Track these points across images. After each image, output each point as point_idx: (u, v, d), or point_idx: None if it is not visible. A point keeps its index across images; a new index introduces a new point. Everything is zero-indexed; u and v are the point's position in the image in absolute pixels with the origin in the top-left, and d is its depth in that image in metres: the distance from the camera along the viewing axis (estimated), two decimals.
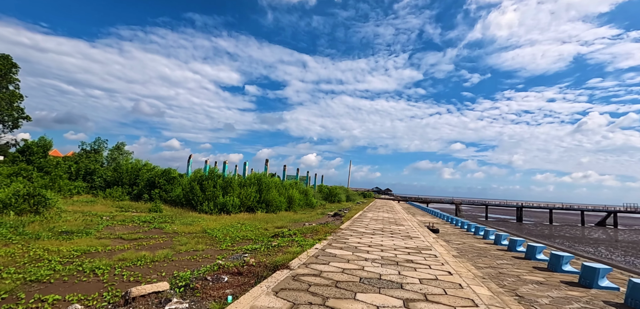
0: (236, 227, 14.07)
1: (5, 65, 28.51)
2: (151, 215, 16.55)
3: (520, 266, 8.66)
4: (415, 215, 27.46)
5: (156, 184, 21.49)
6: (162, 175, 21.73)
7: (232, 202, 18.35)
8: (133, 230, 12.37)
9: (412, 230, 13.21)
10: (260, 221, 16.64)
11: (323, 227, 11.67)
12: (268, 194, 20.57)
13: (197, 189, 19.17)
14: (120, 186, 23.97)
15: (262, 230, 13.64)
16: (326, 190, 40.75)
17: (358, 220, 16.44)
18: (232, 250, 9.11)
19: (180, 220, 15.12)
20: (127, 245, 9.55)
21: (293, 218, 18.63)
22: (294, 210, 23.40)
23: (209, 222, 14.98)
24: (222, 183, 19.52)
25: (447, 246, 9.75)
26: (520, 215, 64.65)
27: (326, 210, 28.21)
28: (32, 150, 26.04)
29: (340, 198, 40.94)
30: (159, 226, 13.36)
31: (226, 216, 17.79)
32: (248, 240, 11.11)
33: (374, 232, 11.19)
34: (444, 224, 21.72)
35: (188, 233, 12.26)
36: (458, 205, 68.56)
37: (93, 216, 14.69)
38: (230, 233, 12.35)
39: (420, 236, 11.44)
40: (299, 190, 27.59)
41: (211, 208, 18.21)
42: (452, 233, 16.34)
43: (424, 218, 25.19)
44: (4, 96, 28.85)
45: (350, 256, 6.73)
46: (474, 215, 70.45)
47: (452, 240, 13.71)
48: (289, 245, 8.52)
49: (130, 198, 22.75)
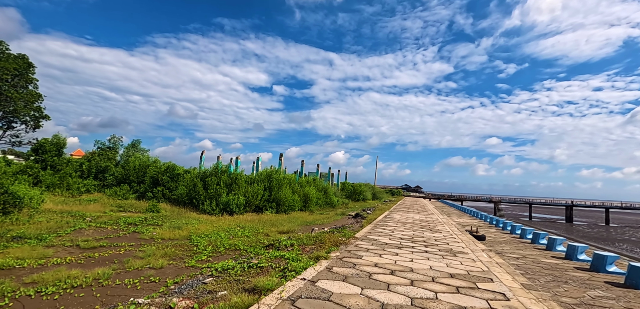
0: (231, 232, 11.67)
1: (22, 65, 28.31)
2: (144, 215, 14.63)
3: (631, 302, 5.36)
4: (451, 216, 23.81)
5: (159, 181, 19.74)
6: (166, 172, 19.95)
7: (236, 201, 16.03)
8: (105, 234, 10.36)
9: (452, 238, 10.04)
10: (265, 224, 14.15)
11: (332, 235, 8.86)
12: (279, 192, 18.07)
13: (199, 187, 17.09)
14: (127, 184, 22.64)
15: (260, 236, 11.12)
16: (350, 187, 37.73)
17: (382, 223, 13.44)
18: (198, 269, 6.60)
19: (172, 223, 12.98)
20: (73, 257, 7.41)
21: (305, 220, 15.99)
22: (310, 209, 20.76)
23: (203, 225, 12.70)
24: (226, 180, 17.28)
25: (507, 267, 6.58)
26: (570, 214, 57.64)
27: (348, 209, 25.30)
28: (45, 148, 25.45)
29: (365, 196, 37.77)
30: (141, 230, 11.27)
31: (228, 217, 15.51)
32: (233, 252, 8.60)
33: (400, 243, 8.19)
34: (488, 227, 18.08)
35: (168, 240, 10.02)
36: (497, 203, 62.60)
37: (73, 218, 12.95)
38: (219, 240, 9.93)
39: (466, 248, 8.29)
40: (317, 188, 24.91)
41: (213, 208, 16.02)
42: (502, 240, 12.89)
43: (462, 219, 21.56)
44: (21, 96, 28.70)
45: (355, 301, 3.86)
46: (516, 215, 64.08)
47: (505, 251, 10.39)
48: (274, 264, 5.85)
49: (136, 196, 21.29)
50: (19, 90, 29.40)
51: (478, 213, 25.65)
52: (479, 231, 13.24)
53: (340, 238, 8.38)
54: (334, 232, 11.36)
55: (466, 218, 23.09)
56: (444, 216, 21.45)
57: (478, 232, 13.02)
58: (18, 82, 29.13)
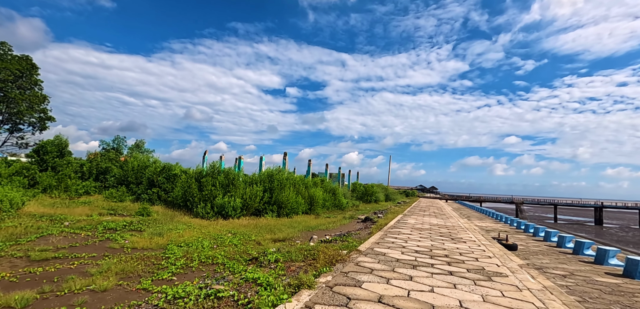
0: (219, 240, 10.19)
1: (25, 66, 27.92)
2: (131, 219, 13.35)
3: None
4: (471, 219, 21.66)
5: (155, 183, 18.55)
6: (162, 173, 18.75)
7: (232, 204, 14.56)
8: (72, 242, 9.06)
9: (480, 251, 8.18)
10: (261, 229, 12.61)
11: (330, 247, 7.18)
12: (281, 194, 16.51)
13: (194, 188, 15.74)
14: (125, 185, 21.62)
15: (250, 245, 9.58)
16: (361, 188, 35.85)
17: (394, 230, 11.65)
18: (147, 295, 5.08)
19: (156, 228, 11.61)
20: (10, 272, 6.05)
21: (308, 225, 14.36)
22: (315, 212, 19.12)
23: (190, 231, 11.26)
24: (223, 181, 15.86)
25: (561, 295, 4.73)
26: (599, 216, 53.71)
27: (358, 212, 23.52)
28: (46, 149, 24.82)
29: (377, 197, 35.80)
30: (116, 237, 9.91)
31: (223, 221, 14.07)
32: (207, 267, 7.08)
33: (416, 260, 6.42)
34: (515, 232, 15.96)
35: (140, 249, 8.61)
36: (519, 204, 59.16)
37: (51, 222, 11.76)
38: (198, 251, 8.44)
39: (501, 266, 6.44)
40: (325, 189, 23.24)
41: (207, 212, 14.61)
42: (537, 251, 10.87)
43: (484, 223, 19.44)
44: (25, 97, 28.32)
45: None
46: (539, 217, 60.44)
47: (545, 266, 8.46)
48: (239, 293, 4.26)
49: (134, 198, 20.21)
50: (24, 91, 29.11)
51: (501, 216, 23.36)
52: (508, 238, 11.25)
53: (339, 252, 6.70)
54: (336, 241, 9.69)
55: (488, 222, 20.92)
56: (464, 219, 19.37)
57: (508, 240, 11.04)
58: (22, 84, 28.82)
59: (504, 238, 11.62)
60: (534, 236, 14.73)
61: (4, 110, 28.79)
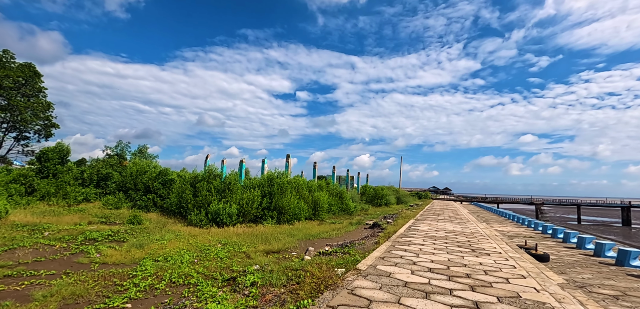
0: (204, 252, 9.06)
1: (27, 73, 27.73)
2: (118, 228, 12.40)
3: None
4: (491, 223, 19.96)
5: (151, 189, 17.66)
6: (157, 178, 17.85)
7: (227, 211, 13.45)
8: (41, 255, 8.14)
9: (508, 267, 6.76)
10: (256, 238, 11.43)
11: (324, 264, 5.93)
12: (281, 199, 15.32)
13: (187, 194, 14.72)
14: (123, 191, 20.87)
15: (236, 259, 8.41)
16: (371, 191, 34.34)
17: (404, 239, 10.27)
18: None
19: (139, 239, 10.58)
20: None
21: (309, 233, 13.10)
22: (320, 217, 17.85)
23: (174, 242, 10.17)
24: (219, 186, 14.78)
25: None
26: (627, 216, 50.43)
27: (367, 216, 22.11)
28: (47, 156, 24.40)
29: (388, 200, 34.21)
30: (91, 250, 8.89)
31: (216, 229, 12.97)
32: (175, 288, 5.93)
33: (429, 283, 5.03)
34: (542, 238, 14.29)
35: (111, 264, 7.58)
36: (539, 205, 56.26)
37: (29, 232, 10.88)
38: (174, 267, 7.31)
39: (541, 291, 5.01)
40: (330, 193, 21.94)
41: (201, 219, 13.54)
42: (573, 261, 9.30)
43: (505, 227, 17.75)
44: (28, 105, 28.12)
45: None
46: (561, 218, 57.38)
47: (587, 282, 6.97)
48: None
49: (131, 205, 19.41)
50: (28, 99, 28.97)
51: (523, 219, 21.53)
52: (537, 247, 9.70)
53: (333, 271, 5.42)
54: (336, 253, 8.41)
55: (510, 226, 19.18)
56: (482, 224, 17.74)
57: (537, 250, 9.51)
58: (26, 91, 28.69)
59: (533, 247, 10.09)
60: (564, 243, 13.06)
61: (9, 118, 28.70)
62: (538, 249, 9.61)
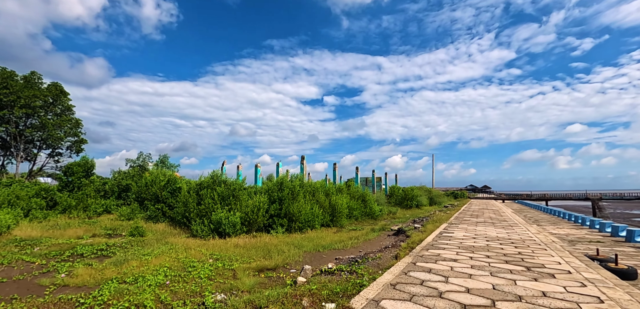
0: (188, 269, 7.65)
1: (54, 92, 28.72)
2: (114, 241, 11.46)
3: None
4: (542, 224, 16.94)
5: (159, 198, 16.86)
6: (166, 187, 17.03)
7: (231, 220, 12.08)
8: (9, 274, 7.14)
9: (590, 301, 4.53)
10: (256, 251, 9.88)
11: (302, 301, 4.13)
12: (292, 205, 13.71)
13: (191, 202, 13.59)
14: (138, 202, 20.44)
15: (215, 283, 6.89)
16: (400, 192, 31.75)
17: (431, 251, 8.18)
18: None
19: (129, 253, 9.44)
20: None
21: (321, 243, 11.34)
22: (339, 224, 16.00)
23: (161, 257, 8.87)
24: (223, 192, 13.49)
25: None
26: None
27: (395, 220, 19.90)
28: (72, 170, 24.85)
29: (419, 201, 31.43)
30: (61, 269, 7.83)
31: (218, 240, 11.61)
32: None
33: None
34: (614, 243, 11.40)
35: (73, 286, 6.51)
36: (595, 201, 49.92)
37: (18, 248, 10.17)
38: (135, 293, 5.93)
39: None
40: (352, 196, 20.00)
41: (202, 229, 12.29)
42: None
43: (562, 230, 14.77)
44: (56, 122, 29.10)
45: None
46: (623, 214, 50.50)
47: None
48: None
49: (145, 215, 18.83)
50: (58, 117, 30.06)
51: (582, 218, 18.14)
52: (618, 260, 7.17)
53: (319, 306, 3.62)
54: (341, 272, 6.60)
55: (566, 227, 16.08)
56: (533, 226, 14.91)
57: (618, 264, 7.02)
58: (55, 110, 29.78)
59: (609, 258, 7.57)
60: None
61: (41, 136, 29.92)
62: (619, 263, 7.10)
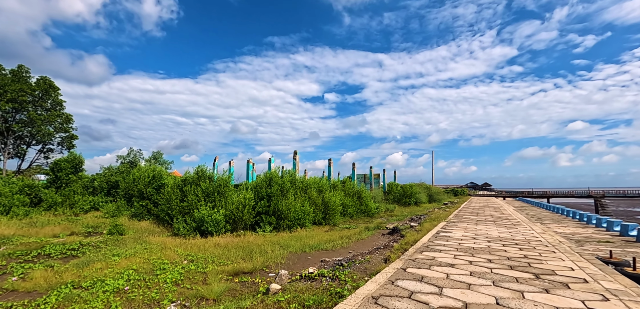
0: (155, 271, 6.90)
1: (43, 86, 27.92)
2: (89, 240, 10.70)
3: None
4: (546, 223, 16.15)
5: (144, 194, 16.11)
6: (151, 183, 16.27)
7: (215, 217, 11.31)
8: None
9: None
10: (236, 252, 9.11)
11: None
12: (281, 202, 12.94)
13: (173, 199, 12.82)
14: (125, 199, 19.71)
15: (180, 290, 6.12)
16: (398, 190, 30.97)
17: (426, 252, 7.41)
18: None
19: (99, 253, 8.69)
20: None
21: (308, 243, 10.57)
22: (332, 222, 15.23)
23: (133, 259, 8.11)
24: (207, 188, 12.72)
25: None
26: None
27: (392, 218, 19.12)
28: (60, 166, 24.10)
29: (418, 199, 30.64)
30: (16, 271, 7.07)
31: (200, 240, 10.85)
32: None
33: None
34: (625, 243, 10.61)
35: (20, 292, 5.88)
36: (598, 198, 49.08)
37: None
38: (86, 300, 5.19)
39: None
40: (347, 192, 19.22)
41: (184, 227, 11.53)
42: None
43: (566, 229, 13.99)
44: (46, 117, 28.32)
45: None
46: (626, 212, 49.68)
47: None
48: None
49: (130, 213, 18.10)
50: (46, 112, 29.29)
51: (588, 216, 17.33)
52: (636, 264, 6.37)
53: None
54: (323, 277, 5.84)
55: (572, 225, 15.28)
56: (536, 225, 14.13)
57: (636, 269, 6.23)
58: (43, 104, 29.01)
59: (624, 262, 6.78)
60: None
61: (31, 131, 29.15)
62: (637, 267, 6.31)
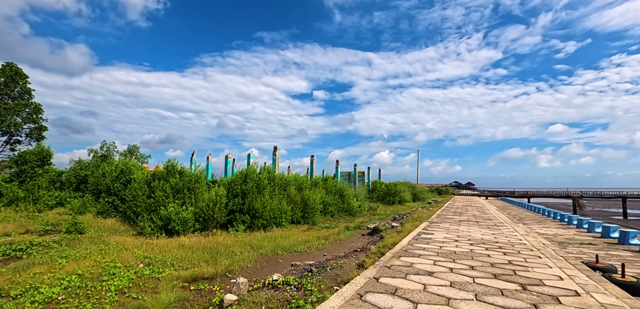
0: (100, 278, 6.06)
1: (8, 74, 26.12)
2: (42, 239, 9.71)
3: None
4: (528, 223, 16.00)
5: (111, 190, 15.05)
6: (119, 178, 15.23)
7: (183, 215, 10.48)
8: None
9: None
10: (201, 253, 8.35)
11: None
12: (255, 200, 12.20)
13: (140, 195, 11.89)
14: (94, 194, 18.51)
15: (142, 292, 5.39)
16: (382, 188, 30.62)
17: (404, 258, 6.86)
18: None
19: (46, 255, 7.76)
20: None
21: (282, 244, 9.89)
22: (312, 220, 14.60)
23: (81, 262, 7.23)
24: (177, 184, 11.85)
25: None
26: None
27: (374, 217, 18.65)
28: (25, 159, 22.54)
29: (402, 197, 30.38)
30: None
31: (166, 240, 10.00)
32: None
33: None
34: (608, 246, 10.42)
35: None
36: (576, 198, 50.30)
37: None
38: None
39: None
40: (329, 190, 18.62)
41: (150, 226, 10.65)
42: None
43: (549, 230, 13.81)
44: (10, 107, 26.53)
45: None
46: (602, 212, 51.20)
47: None
48: None
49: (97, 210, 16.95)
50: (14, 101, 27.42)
51: (569, 217, 17.33)
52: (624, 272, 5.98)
53: None
54: (288, 287, 5.18)
55: (553, 226, 15.16)
56: (519, 226, 13.89)
57: (624, 275, 5.85)
58: (8, 92, 27.12)
59: (611, 268, 6.41)
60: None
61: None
62: (626, 275, 5.93)
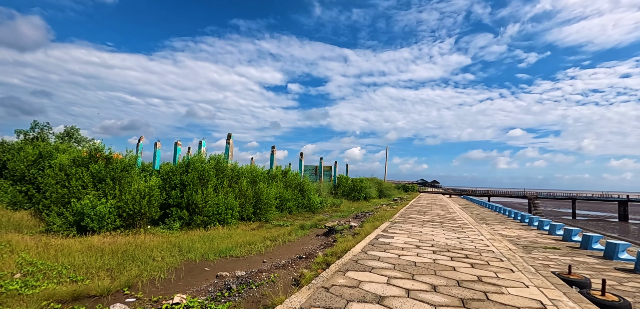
0: None
1: None
2: None
3: None
4: (490, 223, 15.62)
5: (26, 177, 12.65)
6: (36, 163, 12.84)
7: (100, 210, 8.59)
8: None
9: None
10: (113, 257, 6.66)
11: None
12: (195, 193, 10.51)
13: (52, 184, 9.78)
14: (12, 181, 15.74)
15: None
16: (348, 184, 29.72)
17: (353, 272, 5.64)
18: None
19: None
20: None
21: (216, 247, 8.39)
22: (265, 217, 13.14)
23: None
24: (99, 172, 9.87)
25: None
26: (624, 211, 47.44)
27: (336, 214, 17.54)
28: None
29: (368, 193, 29.70)
30: None
31: (75, 239, 8.10)
32: None
33: None
34: (572, 251, 9.97)
35: None
36: (532, 199, 52.89)
37: None
38: None
39: None
40: (288, 185, 17.22)
41: (62, 222, 8.66)
42: None
43: (512, 231, 13.40)
44: None
45: None
46: (554, 212, 54.30)
47: None
48: None
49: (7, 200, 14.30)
50: None
51: (529, 218, 17.28)
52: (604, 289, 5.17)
53: None
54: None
55: (515, 228, 14.85)
56: (483, 226, 13.34)
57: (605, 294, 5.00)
58: None
59: (586, 281, 5.60)
60: (610, 260, 8.70)
61: None
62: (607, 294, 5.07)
